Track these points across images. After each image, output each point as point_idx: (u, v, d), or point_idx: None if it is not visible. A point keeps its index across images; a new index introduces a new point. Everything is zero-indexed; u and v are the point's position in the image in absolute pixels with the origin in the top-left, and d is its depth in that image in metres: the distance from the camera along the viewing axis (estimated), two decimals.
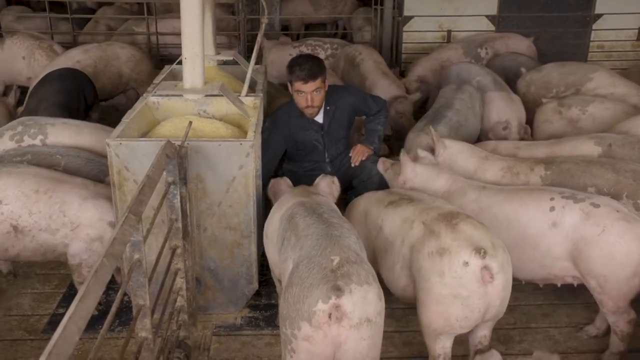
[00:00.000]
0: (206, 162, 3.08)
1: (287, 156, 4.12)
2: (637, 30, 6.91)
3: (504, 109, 4.80)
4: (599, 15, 6.83)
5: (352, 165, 4.03)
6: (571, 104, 4.58)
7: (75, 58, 5.49)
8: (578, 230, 2.90)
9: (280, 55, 6.57)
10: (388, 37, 7.23)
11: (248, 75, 3.83)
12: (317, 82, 3.78)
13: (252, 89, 3.95)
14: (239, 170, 3.10)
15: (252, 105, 3.72)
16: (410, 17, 7.03)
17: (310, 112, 3.88)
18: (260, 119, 3.58)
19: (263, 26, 4.04)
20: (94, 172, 3.54)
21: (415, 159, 3.61)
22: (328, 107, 3.97)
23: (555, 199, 3.02)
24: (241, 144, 3.09)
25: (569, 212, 2.95)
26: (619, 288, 2.85)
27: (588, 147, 3.77)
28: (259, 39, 4.07)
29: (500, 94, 4.89)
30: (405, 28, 7.13)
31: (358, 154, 4.05)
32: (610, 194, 3.24)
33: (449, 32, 6.98)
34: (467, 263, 2.54)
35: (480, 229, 2.65)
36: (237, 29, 7.35)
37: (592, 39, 6.94)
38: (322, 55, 6.51)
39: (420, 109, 5.69)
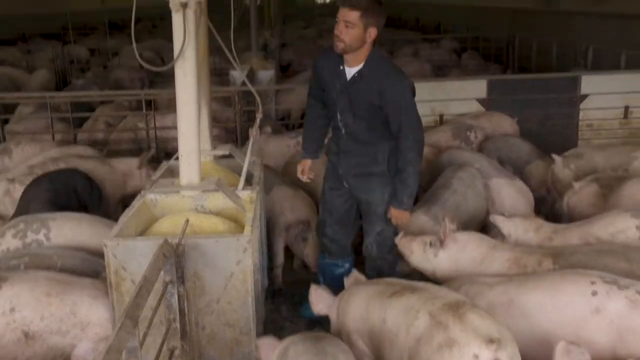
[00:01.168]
0: (203, 259, 3.06)
1: None
2: (623, 109, 7.08)
3: (518, 199, 4.73)
4: (585, 96, 7.01)
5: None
6: (611, 184, 4.47)
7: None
8: (624, 319, 2.79)
9: (277, 146, 6.62)
10: None
11: (244, 169, 3.89)
12: (351, 15, 3.42)
13: (248, 182, 3.99)
14: (237, 266, 3.09)
15: (249, 199, 3.75)
16: None
17: (336, 44, 3.54)
18: (257, 212, 3.60)
19: (258, 120, 4.15)
20: (88, 272, 3.52)
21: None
22: (356, 74, 3.65)
23: (596, 283, 2.90)
24: (238, 239, 3.10)
25: (613, 298, 2.82)
26: None
27: (623, 221, 3.66)
28: (254, 132, 4.17)
29: (506, 181, 4.82)
30: None
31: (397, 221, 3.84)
32: None
33: (441, 116, 7.11)
34: (476, 356, 2.46)
35: (488, 318, 2.60)
36: (234, 120, 7.49)
37: (580, 119, 7.07)
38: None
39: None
